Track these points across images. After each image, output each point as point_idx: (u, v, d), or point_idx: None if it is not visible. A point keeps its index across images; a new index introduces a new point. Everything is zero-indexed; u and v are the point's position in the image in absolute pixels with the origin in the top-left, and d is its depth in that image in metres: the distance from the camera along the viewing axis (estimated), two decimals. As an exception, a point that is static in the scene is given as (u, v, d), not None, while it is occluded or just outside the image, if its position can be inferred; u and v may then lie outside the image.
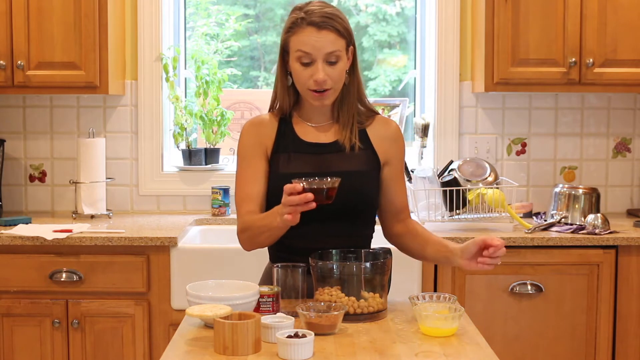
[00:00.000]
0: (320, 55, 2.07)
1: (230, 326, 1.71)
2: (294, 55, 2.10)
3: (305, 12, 2.09)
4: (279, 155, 2.16)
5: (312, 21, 2.07)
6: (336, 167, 2.13)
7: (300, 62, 2.09)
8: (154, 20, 3.62)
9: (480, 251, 2.02)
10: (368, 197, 2.18)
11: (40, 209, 3.68)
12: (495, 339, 2.97)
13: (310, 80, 2.09)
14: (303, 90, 2.13)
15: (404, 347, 1.78)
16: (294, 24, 2.10)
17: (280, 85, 2.19)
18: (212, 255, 3.03)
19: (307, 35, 2.07)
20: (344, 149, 2.16)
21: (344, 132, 2.17)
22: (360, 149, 2.17)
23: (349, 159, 2.16)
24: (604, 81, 3.34)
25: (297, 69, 2.10)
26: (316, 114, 2.20)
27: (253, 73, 4.01)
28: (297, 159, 2.14)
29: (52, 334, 3.06)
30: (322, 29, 2.06)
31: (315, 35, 2.06)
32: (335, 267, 1.97)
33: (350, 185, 2.09)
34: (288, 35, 2.11)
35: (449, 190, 3.25)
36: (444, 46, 3.65)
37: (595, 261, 3.10)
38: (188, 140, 3.69)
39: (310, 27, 2.07)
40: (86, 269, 3.04)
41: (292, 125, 2.20)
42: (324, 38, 2.07)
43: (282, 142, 2.17)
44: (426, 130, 3.63)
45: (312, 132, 2.20)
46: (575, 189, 3.38)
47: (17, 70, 3.28)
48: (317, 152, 2.16)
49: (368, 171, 2.18)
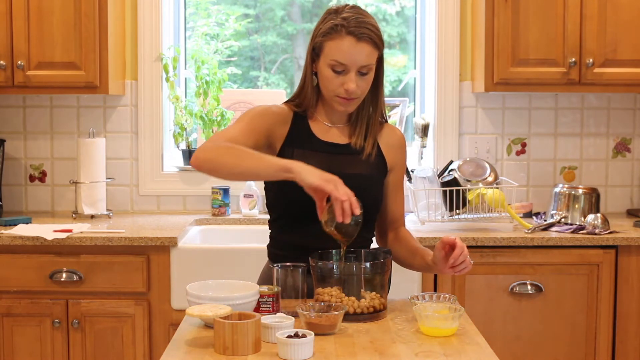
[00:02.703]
0: (355, 67, 2.06)
1: (230, 326, 1.71)
2: (328, 62, 2.07)
3: (343, 18, 2.06)
4: (292, 149, 2.14)
5: (352, 31, 2.04)
6: (347, 169, 2.12)
7: (333, 69, 2.07)
8: (154, 20, 3.62)
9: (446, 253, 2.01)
10: (375, 201, 2.19)
11: (40, 209, 3.68)
12: (495, 339, 2.97)
13: (341, 89, 2.08)
14: (329, 96, 2.12)
15: (404, 347, 1.78)
16: (332, 30, 2.06)
17: (309, 83, 2.17)
18: (212, 255, 3.03)
19: (345, 45, 2.04)
20: (356, 152, 2.17)
21: (359, 136, 2.18)
22: (371, 154, 2.18)
23: (360, 163, 2.16)
24: (604, 81, 3.34)
25: (327, 75, 2.09)
26: (335, 115, 2.20)
27: (253, 73, 4.01)
28: (311, 156, 2.13)
29: (52, 334, 3.06)
30: (360, 40, 2.04)
31: (353, 47, 2.04)
32: (335, 267, 1.97)
33: (359, 188, 2.10)
34: (324, 39, 2.08)
35: (449, 190, 3.25)
36: (444, 46, 3.65)
37: (595, 261, 3.10)
38: (188, 140, 3.70)
39: (350, 37, 2.04)
40: (86, 269, 3.04)
41: (308, 122, 2.19)
42: (361, 50, 2.05)
43: (296, 137, 2.16)
44: (426, 130, 3.63)
45: (327, 132, 2.19)
46: (575, 189, 3.38)
47: (17, 70, 3.28)
48: (331, 151, 2.16)
49: (377, 176, 2.19)
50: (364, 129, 2.19)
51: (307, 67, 2.16)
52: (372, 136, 2.19)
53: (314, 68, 2.15)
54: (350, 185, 1.99)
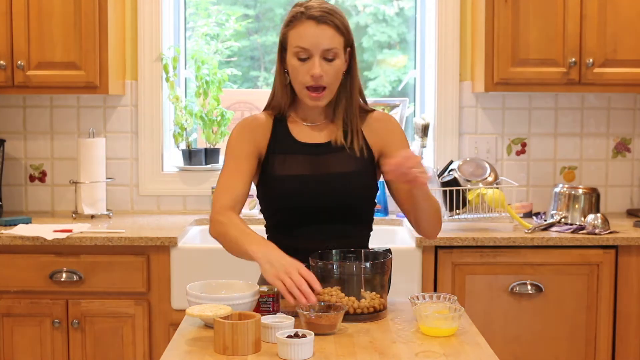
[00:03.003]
0: (318, 50, 2.06)
1: (230, 326, 1.71)
2: (292, 51, 2.09)
3: (305, 7, 2.09)
4: (274, 155, 2.15)
5: (312, 15, 2.06)
6: (331, 169, 2.12)
7: (297, 57, 2.08)
8: (154, 20, 3.62)
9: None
10: (364, 197, 2.17)
11: (40, 209, 3.68)
12: (495, 339, 2.97)
13: (307, 76, 2.07)
14: (299, 89, 2.12)
15: (404, 347, 1.78)
16: (293, 18, 2.09)
17: (278, 82, 2.18)
18: (212, 255, 3.03)
19: (306, 29, 2.06)
20: (338, 150, 2.15)
21: (338, 132, 2.16)
22: (354, 148, 2.15)
23: (344, 160, 2.14)
24: (604, 81, 3.34)
25: (294, 64, 2.09)
26: (311, 113, 2.19)
27: (253, 73, 4.01)
28: (292, 160, 2.13)
29: (52, 334, 3.06)
30: (321, 23, 2.06)
31: (313, 30, 2.05)
32: (335, 267, 1.97)
33: (347, 186, 2.09)
34: (287, 29, 2.10)
35: (449, 190, 3.25)
36: (444, 46, 3.65)
37: (595, 261, 3.10)
38: (188, 140, 3.69)
39: (310, 20, 2.06)
40: (86, 269, 3.04)
41: (287, 125, 2.19)
42: (322, 33, 2.06)
43: (278, 143, 2.16)
44: (426, 130, 3.63)
45: (307, 132, 2.18)
46: (575, 189, 3.38)
47: (17, 70, 3.28)
48: (311, 152, 2.15)
49: (363, 171, 2.16)
50: (342, 123, 2.16)
51: (277, 66, 2.17)
52: (353, 129, 2.16)
53: (285, 67, 2.14)
54: (337, 183, 1.99)
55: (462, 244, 3.05)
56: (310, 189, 2.10)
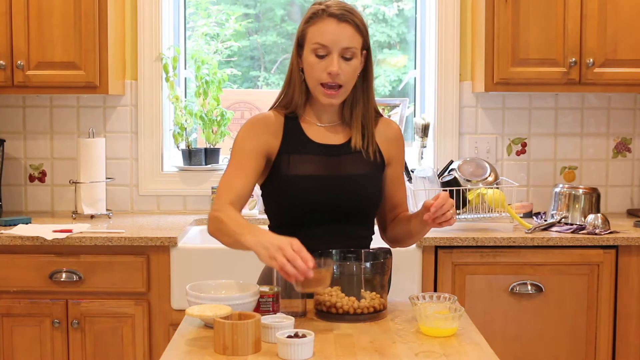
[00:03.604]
0: (337, 48, 2.06)
1: (230, 326, 1.71)
2: (310, 47, 2.08)
3: (325, 5, 2.10)
4: (288, 155, 2.13)
5: (333, 13, 2.07)
6: (347, 170, 2.12)
7: (315, 53, 2.07)
8: (154, 20, 3.62)
9: None
10: (374, 200, 2.18)
11: (40, 209, 3.68)
12: (495, 339, 2.97)
13: (324, 73, 2.07)
14: (313, 85, 2.11)
15: (404, 347, 1.78)
16: (314, 15, 2.09)
17: (296, 79, 2.15)
18: (212, 255, 3.03)
19: (327, 26, 2.06)
20: (354, 152, 2.15)
21: (355, 134, 2.16)
22: (369, 152, 2.16)
23: (359, 162, 2.15)
24: (604, 81, 3.34)
25: (311, 61, 2.08)
26: (325, 113, 2.18)
27: (253, 73, 4.01)
28: (308, 160, 2.12)
29: (52, 334, 3.06)
30: (342, 21, 2.07)
31: (334, 27, 2.06)
32: (335, 267, 1.97)
33: (358, 188, 2.09)
34: (307, 25, 2.10)
35: (449, 190, 3.25)
36: (444, 46, 3.65)
37: (595, 261, 3.10)
38: (188, 140, 3.69)
39: (331, 18, 2.07)
40: (86, 269, 3.04)
41: (300, 124, 2.18)
42: (343, 31, 2.06)
43: (291, 143, 2.14)
44: (426, 130, 3.63)
45: (321, 133, 2.17)
46: (575, 189, 3.38)
47: (17, 70, 3.28)
48: (327, 153, 2.14)
49: (375, 174, 2.18)
50: (361, 126, 2.17)
51: (294, 64, 2.16)
52: (369, 133, 2.17)
53: (300, 64, 2.14)
54: (351, 186, 1.98)
55: (462, 244, 3.05)
56: (326, 190, 2.10)
